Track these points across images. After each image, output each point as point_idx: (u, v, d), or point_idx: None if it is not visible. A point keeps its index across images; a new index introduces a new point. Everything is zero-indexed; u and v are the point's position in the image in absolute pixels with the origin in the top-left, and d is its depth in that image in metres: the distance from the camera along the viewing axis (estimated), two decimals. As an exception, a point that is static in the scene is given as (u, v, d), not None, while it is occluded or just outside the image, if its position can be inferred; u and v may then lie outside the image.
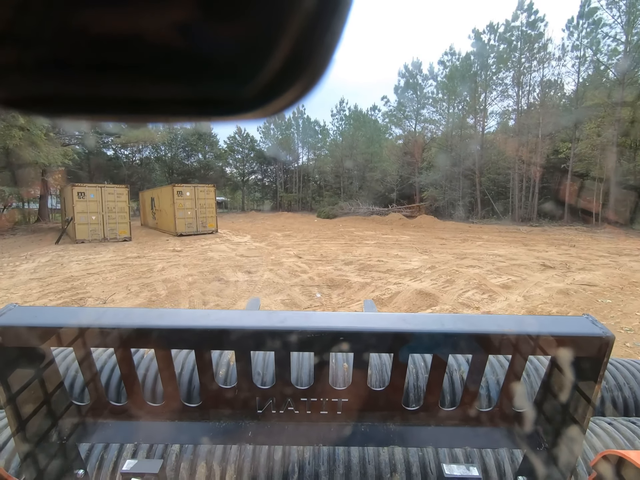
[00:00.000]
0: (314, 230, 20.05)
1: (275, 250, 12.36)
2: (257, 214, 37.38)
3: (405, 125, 31.42)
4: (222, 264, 9.84)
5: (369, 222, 25.66)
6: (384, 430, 0.81)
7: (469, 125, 26.46)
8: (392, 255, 10.65)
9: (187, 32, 0.15)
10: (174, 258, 11.08)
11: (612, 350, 0.68)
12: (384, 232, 18.21)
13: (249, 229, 21.37)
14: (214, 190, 19.14)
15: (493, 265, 8.61)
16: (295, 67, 0.17)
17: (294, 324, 0.68)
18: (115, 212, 16.09)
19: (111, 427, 0.80)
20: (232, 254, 11.68)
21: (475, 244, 12.97)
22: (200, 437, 0.79)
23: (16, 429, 0.70)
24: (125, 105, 0.18)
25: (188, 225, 18.19)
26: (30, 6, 0.14)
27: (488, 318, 0.73)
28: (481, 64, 23.71)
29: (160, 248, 13.49)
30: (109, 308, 0.73)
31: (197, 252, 12.46)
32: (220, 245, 14.36)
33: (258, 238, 16.46)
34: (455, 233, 17.35)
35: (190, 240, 16.17)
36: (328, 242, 14.58)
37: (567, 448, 0.73)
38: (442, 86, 27.23)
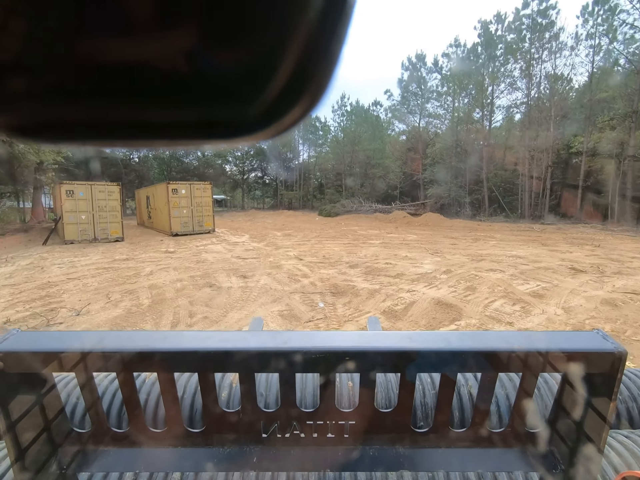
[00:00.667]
0: (315, 229, 19.23)
1: (274, 251, 11.55)
2: (257, 213, 36.57)
3: (408, 120, 30.49)
4: (216, 267, 9.03)
5: (372, 220, 24.82)
6: (393, 453, 0.79)
7: (476, 119, 25.55)
8: (401, 256, 9.83)
9: (191, 58, 0.15)
10: (165, 260, 10.28)
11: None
12: (388, 231, 17.38)
13: (248, 228, 20.57)
14: (210, 187, 18.33)
15: (515, 268, 7.76)
16: (298, 87, 0.17)
17: (298, 344, 0.68)
18: (107, 211, 15.29)
19: (112, 455, 0.79)
20: (227, 256, 10.87)
21: (489, 244, 12.12)
22: (203, 464, 0.77)
23: (15, 458, 0.68)
24: (132, 130, 0.18)
25: (184, 225, 17.39)
26: (38, 36, 0.14)
27: (495, 335, 0.72)
28: (488, 55, 22.77)
29: (152, 249, 12.70)
30: (111, 331, 0.73)
31: (191, 253, 11.66)
32: (216, 245, 13.56)
33: (257, 238, 15.66)
34: (464, 232, 16.51)
35: (185, 241, 15.37)
36: (330, 242, 13.77)
37: (584, 469, 0.71)
38: (447, 79, 26.28)
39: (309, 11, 0.14)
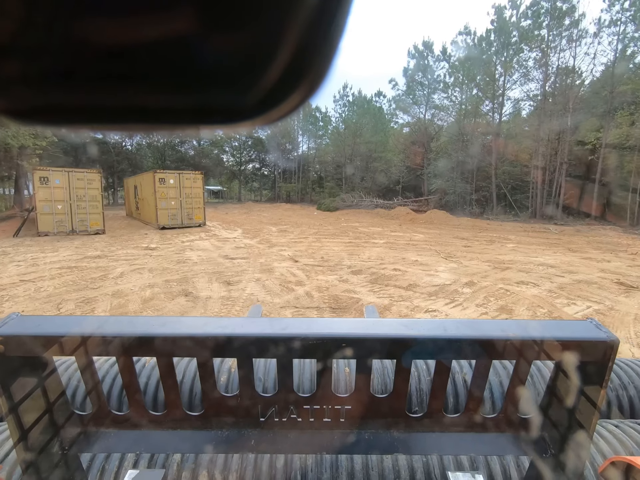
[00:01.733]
0: (313, 224, 18.02)
1: (267, 250, 10.35)
2: (254, 205, 35.25)
3: (413, 111, 29.02)
4: (199, 269, 7.83)
5: (374, 216, 23.61)
6: (388, 437, 0.80)
7: (485, 111, 24.22)
8: (410, 261, 8.64)
9: (189, 43, 0.15)
10: (142, 259, 9.07)
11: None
12: (392, 229, 16.19)
13: (242, 222, 19.34)
14: (201, 178, 17.03)
15: (551, 281, 6.55)
16: (296, 75, 0.17)
17: (296, 331, 0.68)
18: (86, 201, 14.01)
19: (113, 437, 0.80)
20: (214, 254, 9.67)
21: (507, 247, 10.93)
22: (202, 446, 0.79)
23: (18, 439, 0.69)
24: (127, 114, 0.18)
25: (172, 217, 16.13)
26: (33, 19, 0.14)
27: (491, 323, 0.73)
28: (502, 43, 21.37)
29: (132, 244, 11.48)
30: (111, 316, 0.74)
31: (174, 250, 10.45)
32: (205, 241, 12.34)
33: (250, 233, 14.44)
34: (474, 231, 15.33)
35: (172, 235, 14.13)
36: (329, 240, 12.57)
37: (574, 454, 0.73)
38: (455, 68, 24.82)
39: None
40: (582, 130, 19.30)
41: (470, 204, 23.52)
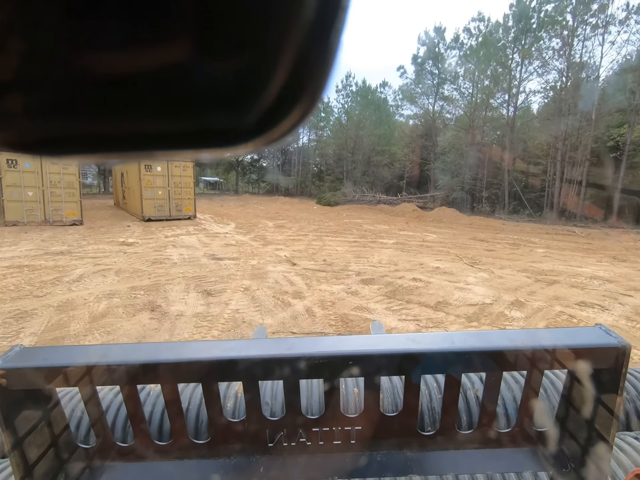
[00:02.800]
0: (313, 220, 16.65)
1: (261, 249, 9.00)
2: (251, 198, 33.77)
3: (422, 102, 27.40)
4: (176, 273, 6.48)
5: (377, 212, 22.26)
6: (401, 457, 0.78)
7: (498, 104, 22.75)
8: (430, 267, 7.32)
9: (186, 69, 0.16)
10: (113, 257, 7.70)
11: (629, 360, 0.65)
12: (400, 227, 14.84)
13: (237, 215, 17.96)
14: (192, 166, 15.57)
15: (619, 302, 5.10)
16: (293, 95, 0.17)
17: (301, 351, 0.67)
18: (61, 188, 12.56)
19: (118, 470, 0.78)
20: (199, 254, 8.31)
21: (537, 253, 9.57)
22: (209, 476, 0.76)
23: (21, 476, 0.68)
24: (127, 142, 0.19)
25: (158, 208, 14.71)
26: (35, 54, 0.14)
27: (499, 333, 0.72)
28: (520, 29, 19.84)
29: (108, 238, 10.10)
30: (114, 344, 0.72)
31: (154, 246, 9.08)
32: (191, 237, 10.97)
33: (244, 228, 13.07)
34: (491, 232, 13.99)
35: (157, 228, 12.74)
36: (332, 238, 11.23)
37: (595, 467, 0.70)
38: (468, 56, 23.23)
39: (303, 17, 0.15)
40: (602, 126, 17.94)
41: (480, 202, 22.15)
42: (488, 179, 21.91)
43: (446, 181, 24.97)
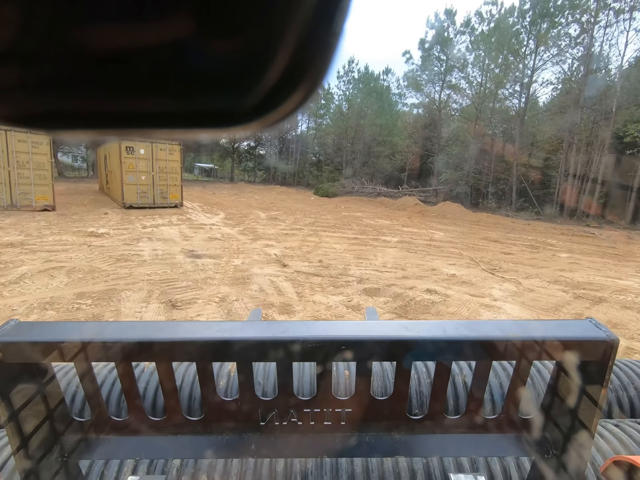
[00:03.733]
0: (309, 212, 15.53)
1: (249, 245, 7.91)
2: (246, 186, 32.45)
3: (427, 90, 25.98)
4: (141, 274, 5.39)
5: (377, 205, 21.15)
6: (389, 440, 0.79)
7: (509, 94, 21.52)
8: (444, 275, 6.26)
9: (186, 47, 0.15)
10: (73, 251, 6.58)
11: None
12: (402, 222, 13.77)
13: (229, 204, 16.79)
14: (179, 150, 14.29)
15: None
16: (295, 76, 0.17)
17: (295, 334, 0.67)
18: (30, 170, 11.32)
19: (113, 443, 0.79)
20: (175, 249, 7.21)
21: (561, 259, 8.51)
22: (202, 451, 0.78)
23: (17, 447, 0.69)
24: (124, 119, 0.18)
25: (141, 195, 13.50)
26: (32, 26, 0.14)
27: (491, 323, 0.72)
28: (536, 14, 18.53)
29: (77, 227, 8.94)
30: (110, 322, 0.74)
31: (126, 239, 7.96)
32: (173, 228, 9.83)
33: (234, 219, 11.94)
34: (501, 231, 12.96)
35: (137, 216, 11.58)
36: (329, 233, 10.14)
37: (576, 454, 0.72)
38: (478, 43, 21.84)
39: None
40: (620, 121, 16.83)
41: (485, 198, 21.08)
42: (494, 174, 20.81)
43: (449, 175, 23.85)
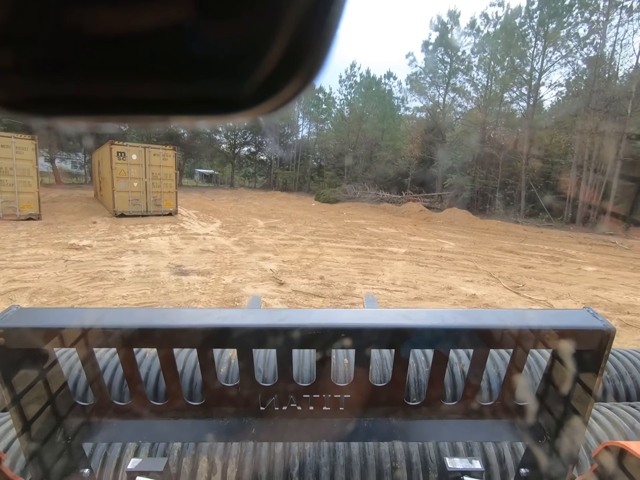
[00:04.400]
0: (310, 219, 14.84)
1: (243, 259, 7.21)
2: (246, 192, 31.87)
3: (431, 93, 25.37)
4: (114, 297, 4.68)
5: (380, 211, 20.46)
6: (387, 425, 0.81)
7: (516, 96, 20.89)
8: (463, 294, 5.54)
9: (183, 31, 0.15)
10: (44, 268, 5.89)
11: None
12: (408, 230, 13.05)
13: (227, 212, 16.14)
14: (174, 155, 13.67)
15: None
16: (292, 65, 0.17)
17: (295, 322, 0.68)
18: (13, 176, 10.69)
19: (115, 427, 0.80)
20: (161, 264, 6.51)
21: (589, 273, 7.72)
22: (203, 435, 0.79)
23: (21, 429, 0.70)
24: (121, 105, 0.18)
25: (133, 203, 12.85)
26: (27, 7, 0.14)
27: (489, 312, 0.73)
28: (546, 13, 17.97)
29: (58, 239, 8.27)
30: (111, 308, 0.75)
31: (109, 252, 7.27)
32: (163, 239, 9.14)
33: (230, 228, 11.26)
34: (514, 240, 12.22)
35: (126, 226, 10.90)
36: (331, 244, 9.44)
37: (569, 439, 0.73)
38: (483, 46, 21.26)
39: None
40: (634, 123, 16.13)
41: (492, 204, 20.36)
42: (501, 179, 20.11)
43: (454, 179, 23.16)
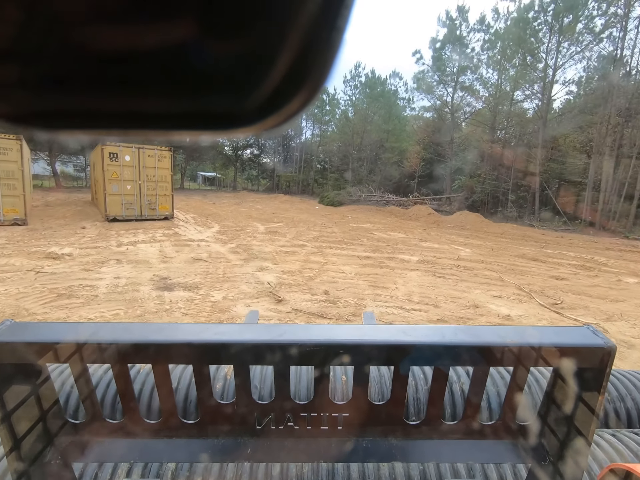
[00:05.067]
0: (314, 223, 14.08)
1: (238, 269, 6.43)
2: (248, 195, 31.21)
3: (439, 92, 24.54)
4: (79, 319, 3.90)
5: (387, 215, 19.66)
6: (386, 445, 0.79)
7: (528, 94, 20.07)
8: (493, 314, 4.71)
9: (188, 48, 0.15)
10: (7, 282, 5.14)
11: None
12: (419, 236, 12.23)
13: (227, 215, 15.43)
14: (170, 156, 12.96)
15: None
16: (297, 79, 0.17)
17: (293, 337, 0.67)
18: (-3, 179, 10.02)
19: (106, 445, 0.79)
20: (145, 276, 5.75)
21: (631, 285, 6.90)
22: (198, 455, 0.78)
23: (10, 448, 0.69)
24: (125, 119, 0.18)
25: (126, 206, 12.15)
26: (32, 24, 0.14)
27: (489, 329, 0.72)
28: (562, 6, 17.18)
29: (37, 246, 7.56)
30: (106, 323, 0.73)
31: (89, 262, 6.53)
32: (153, 246, 8.41)
33: (228, 233, 10.52)
34: (534, 245, 11.35)
35: (117, 231, 10.20)
36: (337, 251, 8.65)
37: (572, 461, 0.72)
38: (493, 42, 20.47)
39: (309, 1, 0.14)
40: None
41: (504, 206, 19.48)
42: (514, 180, 19.23)
43: (463, 181, 22.32)
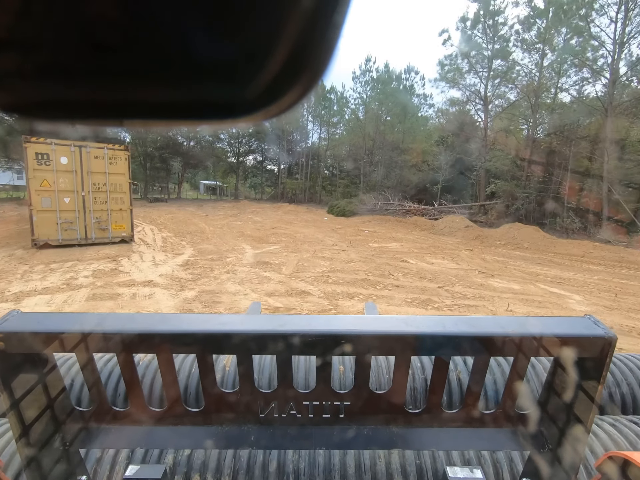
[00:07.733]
0: (322, 242, 10.61)
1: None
2: (249, 205, 27.90)
3: (468, 81, 20.91)
4: None
5: (411, 227, 16.10)
6: (387, 433, 0.80)
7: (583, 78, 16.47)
8: None
9: (188, 37, 0.15)
10: None
11: None
12: (473, 262, 8.64)
13: (213, 233, 12.13)
14: (126, 157, 9.59)
15: None
16: (295, 69, 0.17)
17: (295, 328, 0.68)
18: None
19: (113, 433, 0.80)
20: None
21: None
22: (202, 442, 0.79)
23: (19, 435, 0.70)
24: (125, 109, 0.18)
25: (65, 227, 8.83)
26: (31, 13, 0.14)
27: (490, 320, 0.73)
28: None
29: None
30: (111, 313, 0.74)
31: None
32: (51, 301, 5.01)
33: (197, 265, 7.14)
34: (630, 276, 7.71)
35: (35, 264, 6.86)
36: (362, 304, 5.12)
37: (571, 449, 0.73)
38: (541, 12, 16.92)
39: None
40: None
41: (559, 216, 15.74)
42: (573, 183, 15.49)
43: (500, 186, 18.64)
